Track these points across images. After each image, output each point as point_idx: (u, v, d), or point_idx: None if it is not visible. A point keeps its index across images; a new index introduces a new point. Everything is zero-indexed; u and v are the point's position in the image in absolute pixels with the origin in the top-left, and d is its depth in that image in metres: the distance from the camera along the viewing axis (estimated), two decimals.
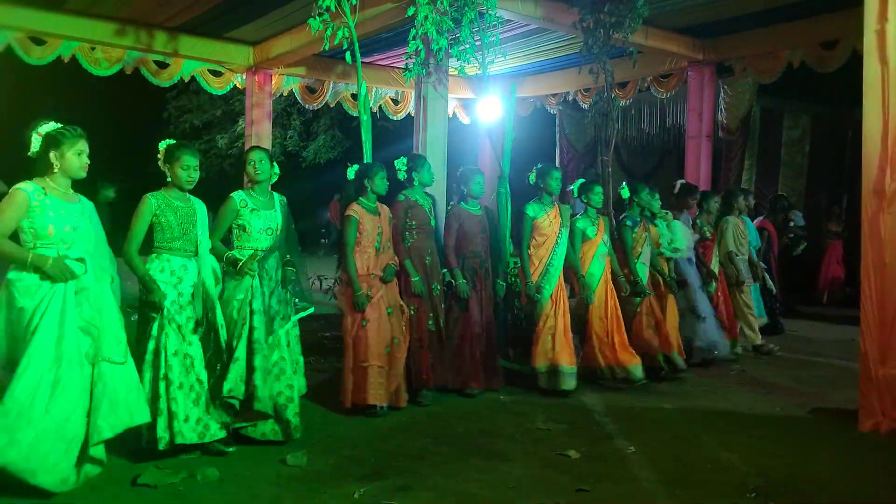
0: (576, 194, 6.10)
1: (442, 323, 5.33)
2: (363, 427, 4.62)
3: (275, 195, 4.65)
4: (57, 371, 3.42)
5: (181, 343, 4.04)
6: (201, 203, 4.33)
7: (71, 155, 3.61)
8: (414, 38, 5.91)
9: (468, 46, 6.09)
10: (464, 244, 5.49)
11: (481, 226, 5.59)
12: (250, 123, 9.71)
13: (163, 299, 3.98)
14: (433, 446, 4.28)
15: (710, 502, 3.51)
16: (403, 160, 5.46)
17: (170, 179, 4.18)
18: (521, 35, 8.52)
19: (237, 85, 9.72)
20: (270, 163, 4.59)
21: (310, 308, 4.66)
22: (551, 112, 12.16)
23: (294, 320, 4.55)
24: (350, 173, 5.19)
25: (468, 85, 10.41)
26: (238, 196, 4.48)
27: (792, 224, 9.78)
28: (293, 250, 4.62)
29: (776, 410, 5.19)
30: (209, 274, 4.20)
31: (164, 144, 4.24)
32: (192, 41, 8.63)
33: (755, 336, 7.26)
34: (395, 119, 11.26)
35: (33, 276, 3.48)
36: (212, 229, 4.41)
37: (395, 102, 11.02)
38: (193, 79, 9.46)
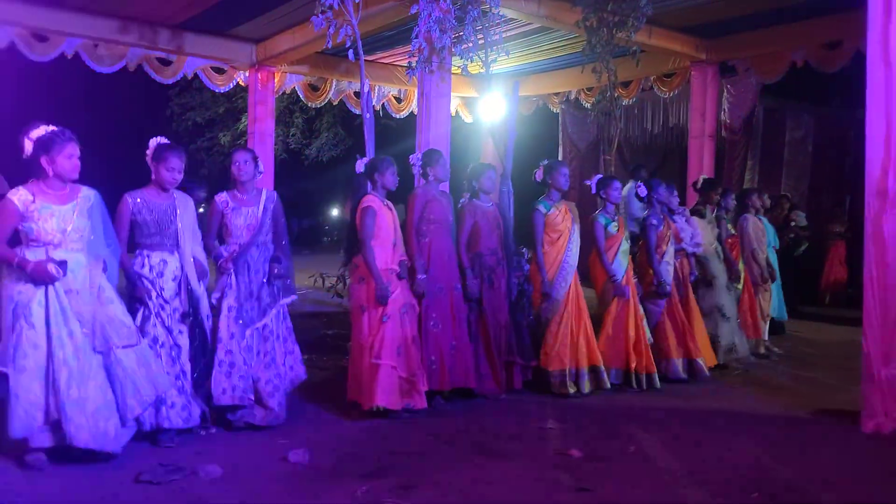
0: (594, 190, 6.06)
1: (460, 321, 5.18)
2: (364, 425, 4.61)
3: (263, 191, 4.78)
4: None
5: (167, 335, 4.22)
6: (186, 197, 4.45)
7: (61, 159, 3.77)
8: (417, 36, 5.91)
9: (471, 45, 6.08)
10: (479, 241, 5.34)
11: (496, 221, 5.48)
12: (253, 121, 9.71)
13: (145, 294, 4.17)
14: (435, 445, 4.28)
15: (712, 503, 3.51)
16: (418, 155, 5.42)
17: (154, 177, 4.33)
18: (524, 34, 8.52)
19: (240, 82, 9.72)
20: (255, 163, 4.74)
21: (292, 297, 4.79)
22: (554, 111, 12.16)
23: (283, 312, 4.71)
24: (359, 166, 5.15)
25: (471, 83, 10.40)
26: (220, 198, 4.70)
27: (794, 224, 9.77)
28: (279, 244, 4.74)
29: (778, 411, 5.18)
30: (191, 268, 4.35)
31: (156, 142, 4.36)
32: (196, 38, 8.63)
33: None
34: (398, 117, 11.26)
35: (21, 278, 3.68)
36: (205, 228, 4.62)
37: (398, 100, 11.02)
38: (196, 76, 9.46)
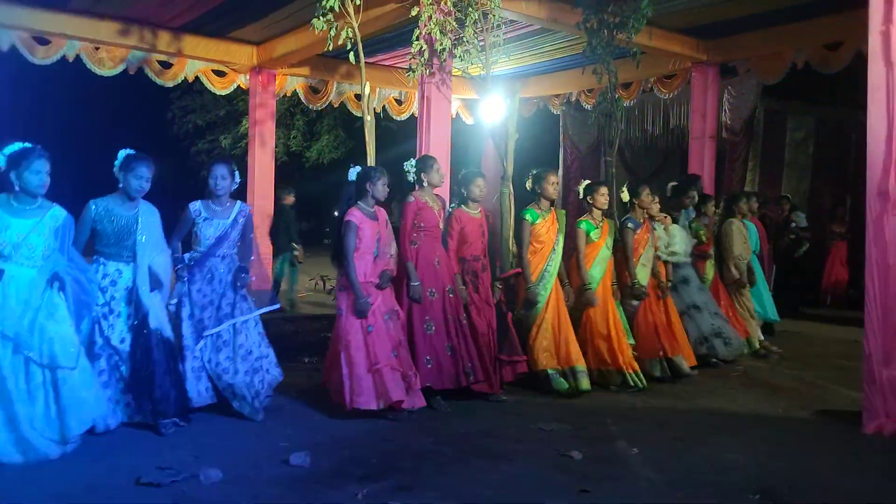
0: (581, 195, 6.10)
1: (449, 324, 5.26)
2: (364, 427, 4.61)
3: (238, 204, 4.94)
4: None
5: (108, 343, 4.37)
6: (151, 209, 4.54)
7: (28, 174, 3.91)
8: (417, 39, 5.92)
9: (472, 47, 6.09)
10: (464, 247, 5.48)
11: (482, 229, 5.58)
12: (254, 123, 9.72)
13: (93, 300, 4.27)
14: (434, 446, 4.28)
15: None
16: (413, 162, 5.45)
17: (121, 186, 4.42)
18: (525, 35, 8.52)
19: (241, 85, 9.72)
20: (232, 176, 4.86)
21: (267, 308, 5.00)
22: (555, 113, 12.16)
23: (255, 317, 4.92)
24: (352, 174, 5.18)
25: (472, 85, 10.39)
26: (194, 206, 4.82)
27: (794, 225, 9.77)
28: (245, 257, 4.93)
29: (779, 412, 5.18)
30: (144, 279, 4.45)
31: (124, 153, 4.46)
32: (196, 41, 8.65)
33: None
34: (399, 119, 11.26)
35: None
36: (173, 232, 4.79)
37: (399, 103, 11.02)
38: (197, 79, 9.46)
